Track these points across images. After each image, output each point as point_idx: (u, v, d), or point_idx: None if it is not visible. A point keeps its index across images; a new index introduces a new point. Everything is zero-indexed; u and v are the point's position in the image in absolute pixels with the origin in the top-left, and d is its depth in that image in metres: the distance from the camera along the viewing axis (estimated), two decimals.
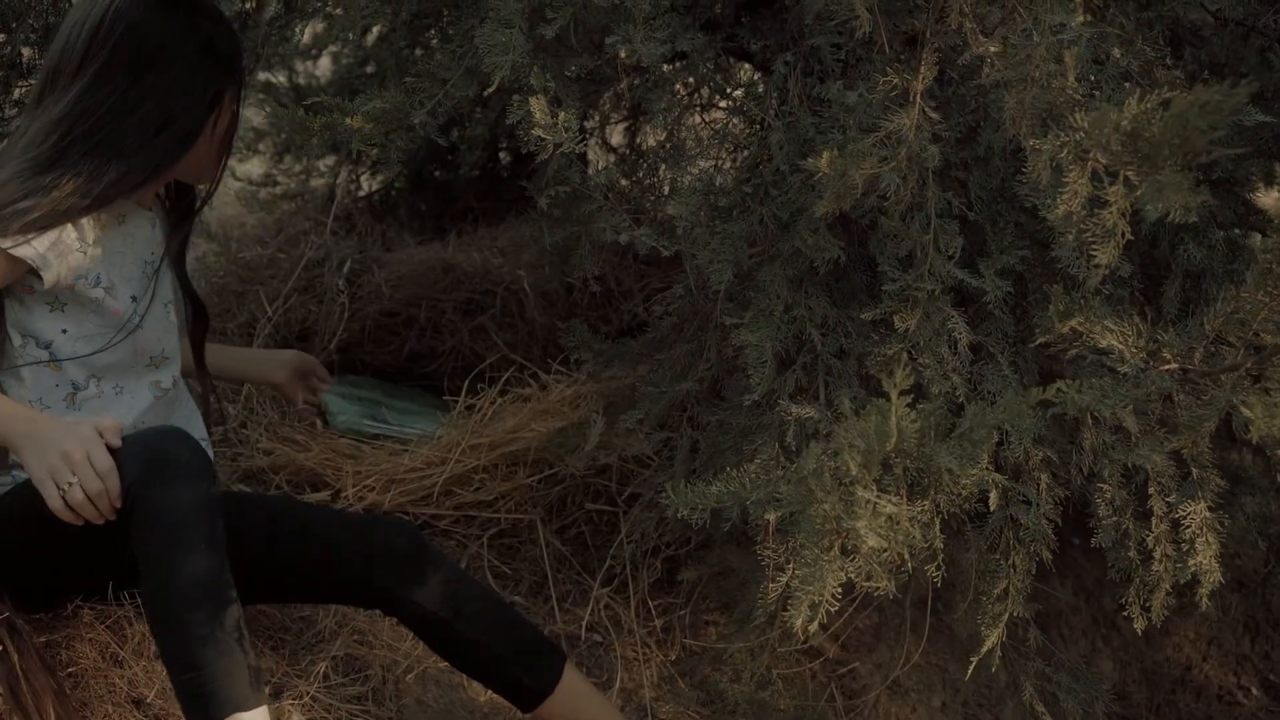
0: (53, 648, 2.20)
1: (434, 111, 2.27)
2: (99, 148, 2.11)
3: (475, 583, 2.29)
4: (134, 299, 2.22)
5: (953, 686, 2.88)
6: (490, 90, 2.10)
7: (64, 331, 2.17)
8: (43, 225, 2.06)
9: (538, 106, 2.08)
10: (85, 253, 2.13)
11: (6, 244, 2.03)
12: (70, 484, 1.88)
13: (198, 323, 2.43)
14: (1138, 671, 3.18)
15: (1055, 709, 2.27)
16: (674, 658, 2.69)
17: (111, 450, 1.92)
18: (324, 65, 3.97)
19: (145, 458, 1.92)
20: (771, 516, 1.81)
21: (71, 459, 1.89)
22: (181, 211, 2.38)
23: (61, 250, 2.09)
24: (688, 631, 2.74)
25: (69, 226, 2.10)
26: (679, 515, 1.84)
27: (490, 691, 2.32)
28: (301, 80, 3.86)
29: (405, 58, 3.13)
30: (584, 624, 2.72)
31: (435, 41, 3.28)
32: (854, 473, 1.66)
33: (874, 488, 1.67)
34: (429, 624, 2.23)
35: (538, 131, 2.09)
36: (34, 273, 2.10)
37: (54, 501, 1.88)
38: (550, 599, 2.74)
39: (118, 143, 2.12)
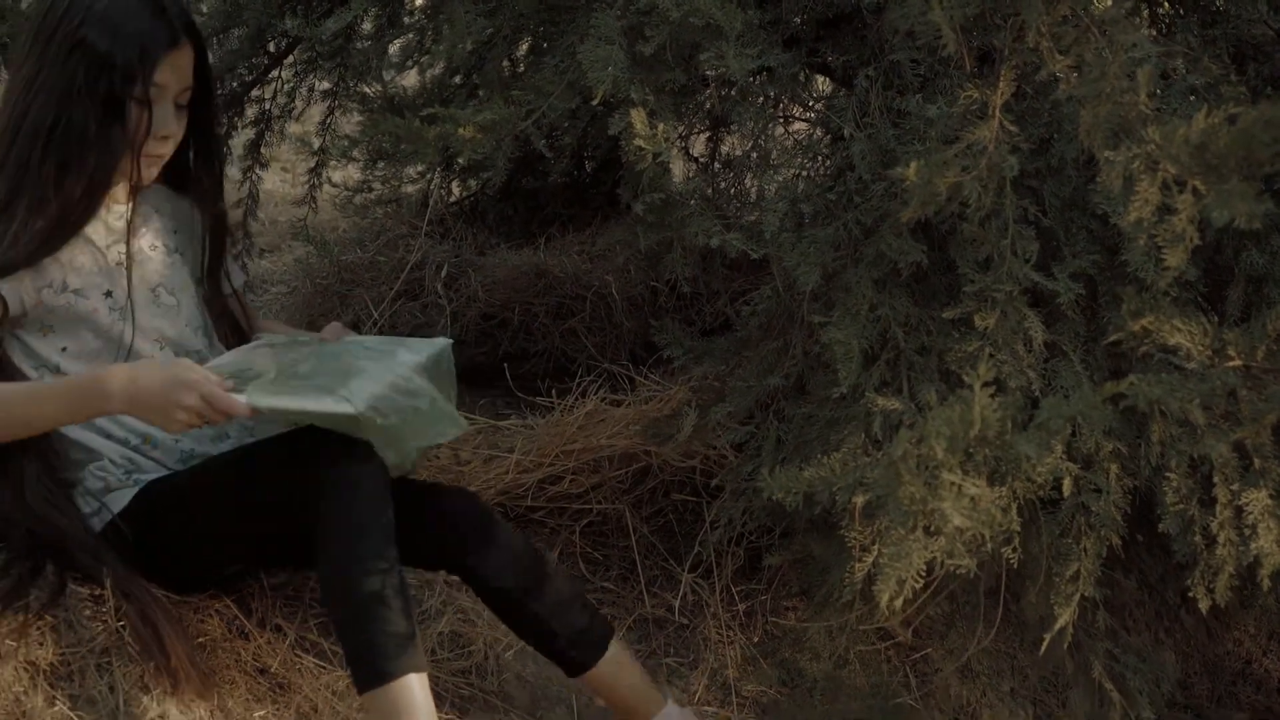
0: (183, 621, 2.36)
1: (538, 122, 2.41)
2: (40, 172, 2.11)
3: (536, 556, 2.36)
4: (108, 294, 2.24)
5: (1021, 673, 3.00)
6: (595, 102, 2.24)
7: (64, 350, 2.22)
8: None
9: (639, 119, 2.22)
10: (35, 266, 2.16)
11: None
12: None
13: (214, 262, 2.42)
14: (1199, 663, 3.27)
15: (1122, 687, 2.40)
16: (756, 639, 2.83)
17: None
18: (407, 75, 4.13)
19: (339, 438, 2.08)
20: (860, 500, 1.94)
21: (197, 415, 2.01)
22: (202, 192, 2.38)
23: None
24: (769, 616, 2.88)
25: None
26: (771, 498, 1.98)
27: None
28: (389, 91, 4.01)
29: (497, 71, 3.26)
30: (671, 608, 2.86)
31: (523, 53, 3.42)
32: (940, 457, 1.79)
33: (958, 471, 1.80)
34: (491, 592, 2.33)
35: (638, 142, 2.23)
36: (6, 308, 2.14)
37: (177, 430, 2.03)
38: (639, 584, 2.88)
39: (61, 171, 2.12)
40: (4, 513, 2.21)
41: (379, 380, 2.12)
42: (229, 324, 2.45)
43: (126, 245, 2.28)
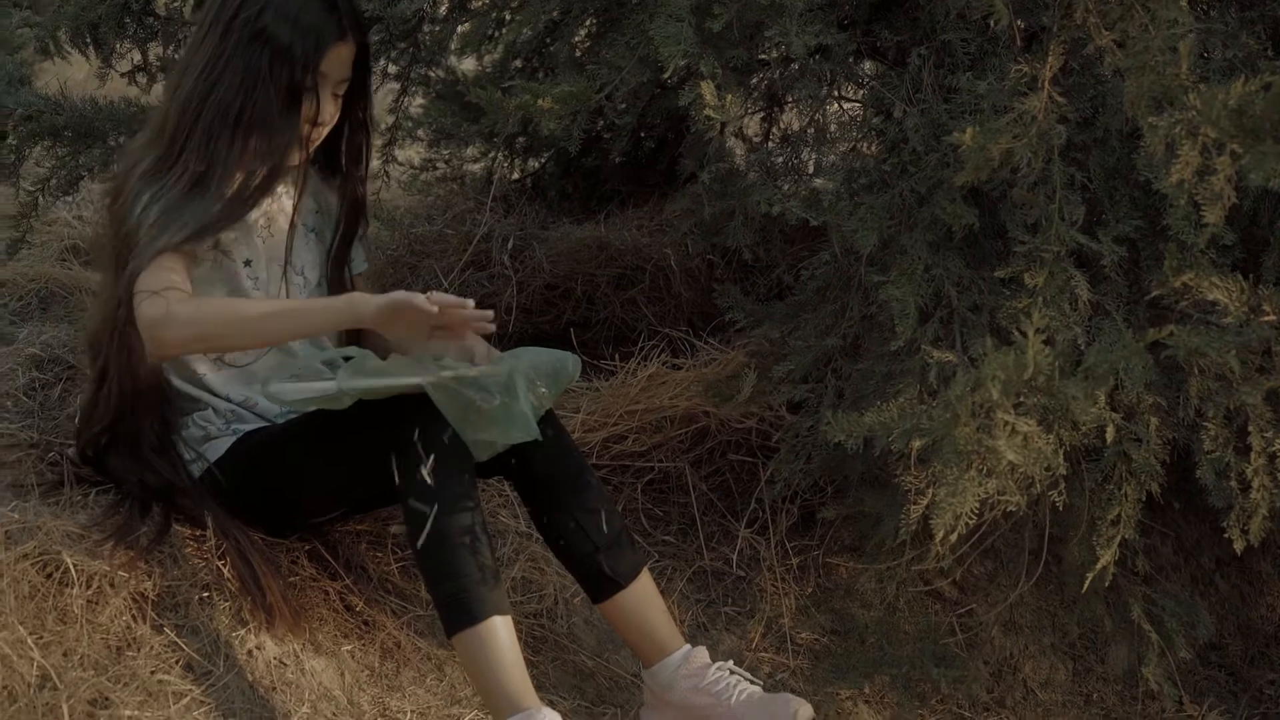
0: (276, 561, 2.51)
1: (609, 95, 2.55)
2: (231, 151, 2.30)
3: (590, 471, 2.46)
4: (247, 263, 2.43)
5: (1061, 629, 3.14)
6: (667, 75, 2.38)
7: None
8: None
9: (708, 90, 2.36)
10: None
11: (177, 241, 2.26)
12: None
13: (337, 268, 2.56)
14: (1234, 626, 3.39)
15: (1160, 630, 2.54)
16: (810, 590, 2.99)
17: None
18: (465, 61, 4.26)
19: (425, 408, 2.22)
20: (917, 444, 2.08)
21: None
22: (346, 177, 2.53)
23: None
24: (821, 570, 3.03)
25: None
26: (832, 442, 2.13)
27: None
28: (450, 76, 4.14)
29: (569, 50, 3.38)
30: (729, 561, 3.02)
31: (579, 38, 3.54)
32: (995, 398, 1.93)
33: (1012, 412, 1.94)
34: (540, 490, 2.43)
35: (708, 112, 2.37)
36: None
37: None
38: (698, 538, 3.03)
39: (248, 151, 2.31)
40: (120, 466, 2.39)
41: (462, 369, 2.26)
42: None
43: (291, 222, 2.46)
